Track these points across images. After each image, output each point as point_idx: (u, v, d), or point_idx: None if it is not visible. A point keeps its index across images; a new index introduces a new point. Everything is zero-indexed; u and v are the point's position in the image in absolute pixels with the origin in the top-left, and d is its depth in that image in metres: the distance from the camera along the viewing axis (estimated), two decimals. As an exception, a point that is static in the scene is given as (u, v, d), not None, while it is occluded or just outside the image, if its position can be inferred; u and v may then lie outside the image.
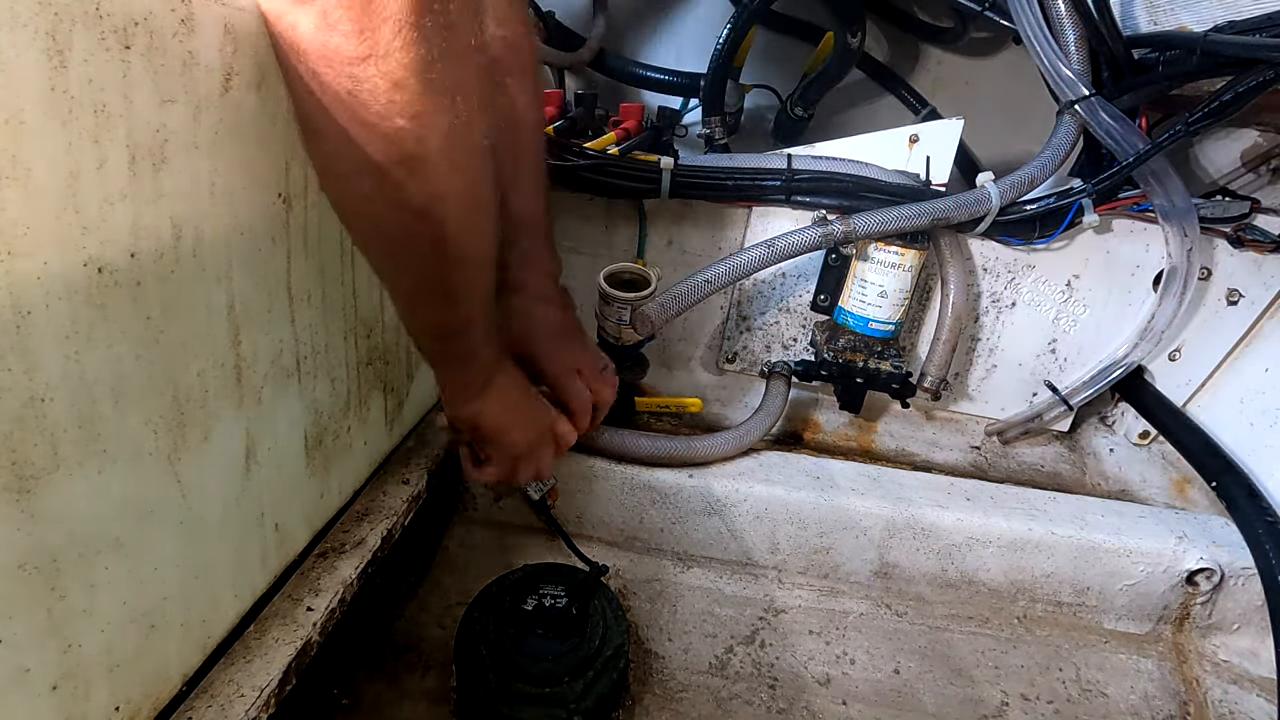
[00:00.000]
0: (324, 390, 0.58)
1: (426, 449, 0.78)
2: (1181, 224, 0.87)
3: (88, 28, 0.31)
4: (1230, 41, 0.75)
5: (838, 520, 0.85)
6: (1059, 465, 1.09)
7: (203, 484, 0.44)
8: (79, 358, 0.34)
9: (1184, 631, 0.85)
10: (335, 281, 0.57)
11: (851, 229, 0.86)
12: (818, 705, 0.75)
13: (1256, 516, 0.79)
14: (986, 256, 0.98)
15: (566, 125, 1.00)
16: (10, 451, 0.31)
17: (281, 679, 0.49)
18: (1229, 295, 0.96)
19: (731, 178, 0.93)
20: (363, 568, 0.61)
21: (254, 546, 0.52)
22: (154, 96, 0.35)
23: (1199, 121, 0.80)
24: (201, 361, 0.43)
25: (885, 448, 1.09)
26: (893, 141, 0.94)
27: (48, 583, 0.34)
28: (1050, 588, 0.85)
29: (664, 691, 0.75)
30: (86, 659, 0.37)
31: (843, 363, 0.95)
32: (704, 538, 0.87)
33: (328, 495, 0.62)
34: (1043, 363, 1.04)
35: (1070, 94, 0.85)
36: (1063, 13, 0.84)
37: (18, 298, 0.30)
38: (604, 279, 0.83)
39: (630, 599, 0.83)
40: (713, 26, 1.36)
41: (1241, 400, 0.95)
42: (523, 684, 0.64)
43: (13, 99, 0.29)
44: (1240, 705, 0.79)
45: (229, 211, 0.43)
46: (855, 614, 0.86)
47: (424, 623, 0.77)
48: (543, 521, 0.86)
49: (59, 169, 0.31)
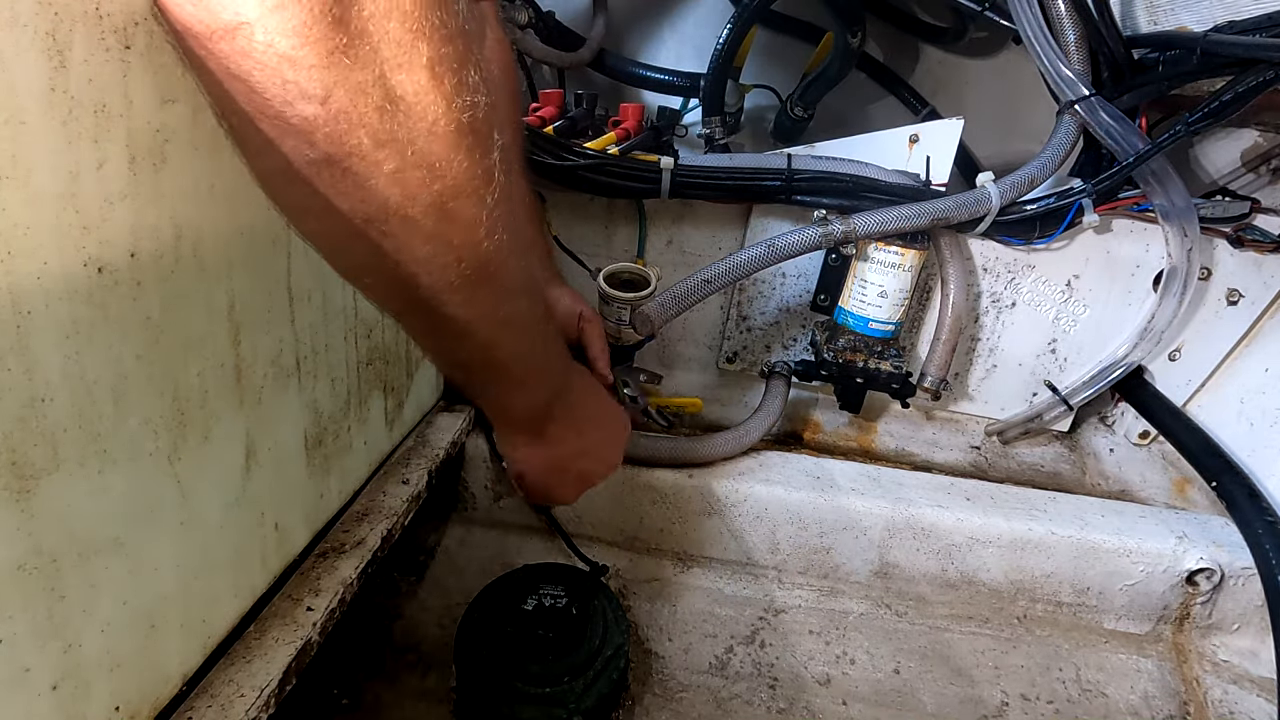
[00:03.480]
0: (324, 390, 0.58)
1: (426, 449, 0.78)
2: (1181, 224, 0.87)
3: (88, 28, 0.31)
4: (1230, 41, 0.75)
5: (838, 520, 0.85)
6: (1059, 465, 1.09)
7: (203, 484, 0.44)
8: (79, 358, 0.34)
9: (1184, 631, 0.85)
10: (335, 281, 0.57)
11: (851, 229, 0.86)
12: (818, 705, 0.75)
13: (1256, 516, 0.79)
14: (986, 256, 0.98)
15: (566, 125, 0.99)
16: (10, 451, 0.31)
17: (281, 679, 0.49)
18: (1229, 295, 0.96)
19: (731, 178, 0.93)
20: (363, 568, 0.61)
21: (254, 546, 0.52)
22: (154, 96, 0.35)
23: (1199, 121, 0.80)
24: (201, 361, 0.43)
25: (885, 448, 1.09)
26: (893, 141, 0.94)
27: (48, 583, 0.34)
28: (1050, 588, 0.85)
29: (664, 691, 0.75)
30: (86, 659, 0.37)
31: (843, 363, 0.95)
32: (704, 538, 0.87)
33: (328, 495, 0.62)
34: (1043, 363, 1.04)
35: (1070, 94, 0.85)
36: (1063, 13, 0.84)
37: (18, 298, 0.30)
38: (604, 279, 0.82)
39: (630, 599, 0.83)
40: (713, 26, 1.36)
41: (1241, 400, 0.95)
42: (523, 684, 0.64)
43: (13, 99, 0.29)
44: (1240, 705, 0.79)
45: (229, 211, 0.43)
46: (855, 614, 0.86)
47: (424, 623, 0.77)
48: (543, 521, 0.86)
49: (59, 169, 0.31)
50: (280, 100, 0.29)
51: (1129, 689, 0.81)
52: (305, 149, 0.31)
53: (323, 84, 0.29)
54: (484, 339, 0.44)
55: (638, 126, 1.07)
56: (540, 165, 0.89)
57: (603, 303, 0.84)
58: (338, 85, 0.29)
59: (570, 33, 1.39)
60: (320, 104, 0.29)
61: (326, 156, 0.31)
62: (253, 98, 0.30)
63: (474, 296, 0.40)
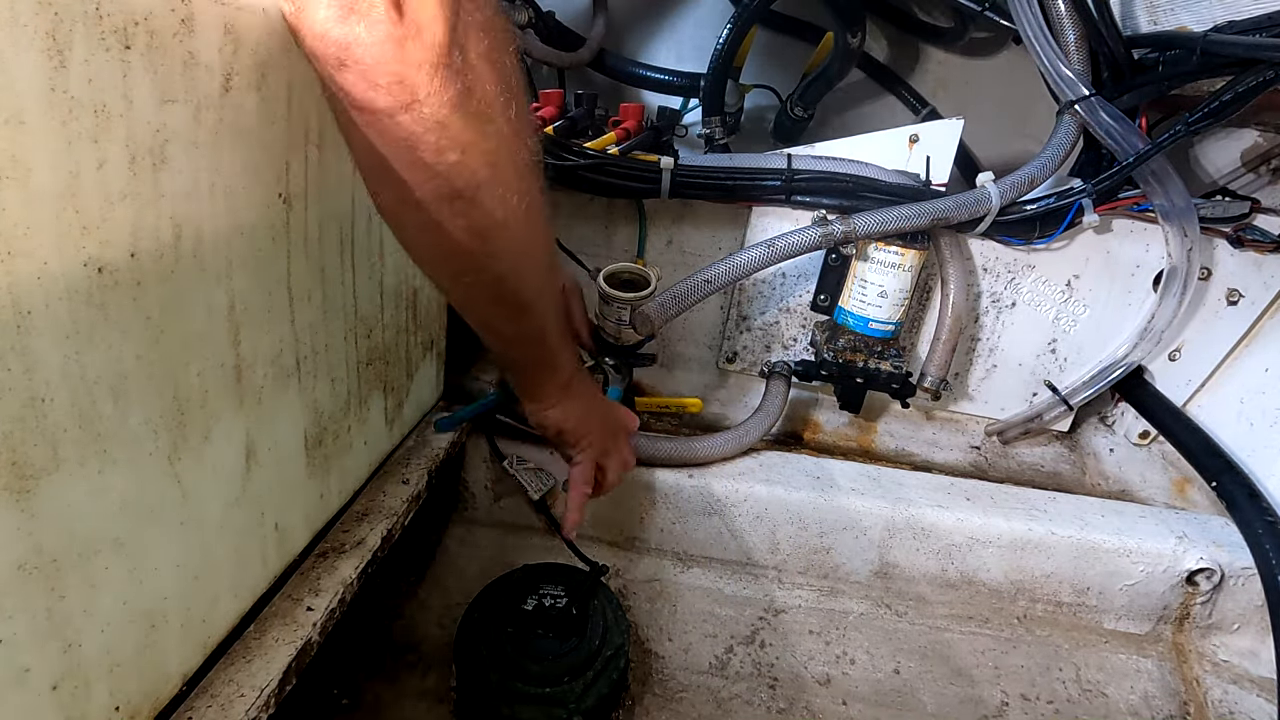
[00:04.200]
0: (324, 390, 0.58)
1: (426, 449, 0.78)
2: (1181, 224, 0.87)
3: (88, 28, 0.31)
4: (1230, 41, 0.75)
5: (838, 520, 0.85)
6: (1059, 465, 1.09)
7: (203, 484, 0.44)
8: (79, 358, 0.34)
9: (1184, 631, 0.85)
10: (335, 281, 0.57)
11: (851, 229, 0.86)
12: (818, 705, 0.75)
13: (1256, 516, 0.79)
14: (986, 256, 0.98)
15: (566, 125, 0.99)
16: (10, 451, 0.31)
17: (281, 679, 0.49)
18: (1229, 295, 0.96)
19: (731, 178, 0.93)
20: (363, 568, 0.61)
21: (254, 546, 0.52)
22: (154, 96, 0.35)
23: (1199, 121, 0.80)
24: (201, 361, 0.43)
25: (885, 448, 1.09)
26: (893, 141, 0.94)
27: (48, 583, 0.34)
28: (1050, 588, 0.85)
29: (664, 691, 0.75)
30: (86, 659, 0.37)
31: (843, 363, 0.95)
32: (704, 538, 0.87)
33: (328, 495, 0.62)
34: (1043, 363, 1.04)
35: (1070, 94, 0.85)
36: (1063, 13, 0.84)
37: (18, 298, 0.30)
38: (604, 279, 0.82)
39: (630, 599, 0.83)
40: (713, 27, 1.36)
41: (1241, 400, 0.95)
42: (523, 684, 0.64)
43: (13, 99, 0.29)
44: (1240, 705, 0.79)
45: (229, 211, 0.43)
46: (855, 614, 0.86)
47: (424, 623, 0.77)
48: (543, 521, 0.86)
49: (59, 169, 0.31)
50: (432, 153, 0.40)
51: (1129, 689, 0.81)
52: (446, 182, 0.42)
53: (465, 136, 0.40)
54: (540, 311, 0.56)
55: (638, 126, 1.07)
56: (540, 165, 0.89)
57: (603, 303, 0.84)
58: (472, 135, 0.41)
59: (570, 33, 1.39)
60: (461, 151, 0.41)
61: (462, 185, 0.42)
62: (410, 152, 0.40)
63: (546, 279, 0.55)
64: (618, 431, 0.74)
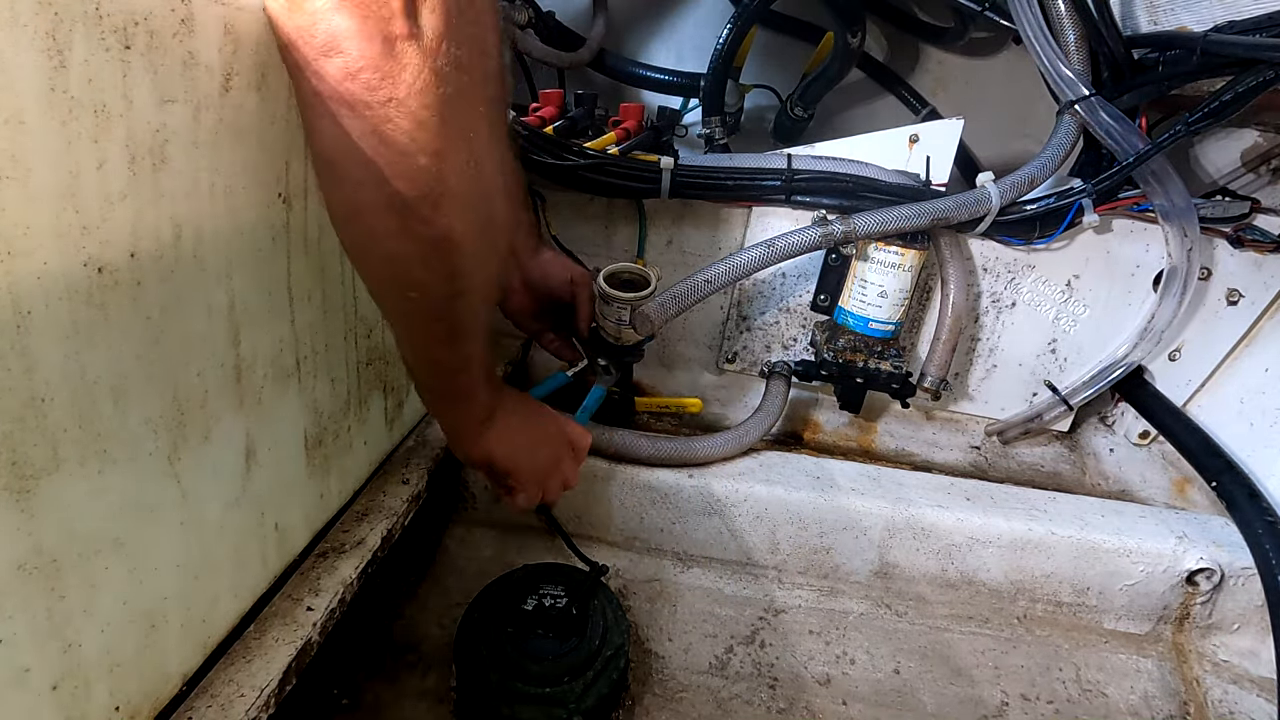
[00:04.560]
0: (324, 390, 0.58)
1: (426, 449, 0.78)
2: (1181, 224, 0.87)
3: (88, 28, 0.31)
4: (1230, 41, 0.75)
5: (838, 520, 0.85)
6: (1059, 465, 1.09)
7: (203, 484, 0.44)
8: (79, 358, 0.34)
9: (1184, 631, 0.85)
10: (335, 281, 0.57)
11: (851, 229, 0.86)
12: (818, 705, 0.75)
13: (1256, 516, 0.79)
14: (986, 256, 0.98)
15: (566, 125, 0.99)
16: (10, 451, 0.31)
17: (281, 679, 0.49)
18: (1229, 295, 0.96)
19: (731, 178, 0.93)
20: (363, 568, 0.61)
21: (254, 546, 0.52)
22: (154, 96, 0.35)
23: (1199, 121, 0.80)
24: (201, 361, 0.43)
25: (885, 448, 1.09)
26: (893, 141, 0.94)
27: (48, 583, 0.34)
28: (1050, 588, 0.85)
29: (664, 691, 0.75)
30: (86, 659, 0.37)
31: (843, 363, 0.95)
32: (704, 538, 0.87)
33: (328, 495, 0.62)
34: (1043, 363, 1.04)
35: (1070, 94, 0.85)
36: (1063, 13, 0.84)
37: (18, 298, 0.30)
38: (603, 279, 0.82)
39: (630, 599, 0.83)
40: (713, 27, 1.36)
41: (1241, 400, 0.95)
42: (523, 684, 0.64)
43: (13, 99, 0.29)
44: (1240, 705, 0.79)
45: (229, 211, 0.43)
46: (855, 614, 0.86)
47: (424, 623, 0.77)
48: (543, 521, 0.86)
49: (59, 169, 0.31)
50: (401, 153, 0.39)
51: (1129, 689, 0.81)
52: (412, 186, 0.40)
53: (439, 142, 0.40)
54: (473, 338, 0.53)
55: (638, 126, 1.07)
56: (540, 165, 0.89)
57: (603, 303, 0.84)
58: (447, 143, 0.40)
59: (570, 33, 1.39)
60: (433, 155, 0.40)
61: (427, 192, 0.41)
62: (380, 150, 0.39)
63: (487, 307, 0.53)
64: (560, 456, 0.70)
